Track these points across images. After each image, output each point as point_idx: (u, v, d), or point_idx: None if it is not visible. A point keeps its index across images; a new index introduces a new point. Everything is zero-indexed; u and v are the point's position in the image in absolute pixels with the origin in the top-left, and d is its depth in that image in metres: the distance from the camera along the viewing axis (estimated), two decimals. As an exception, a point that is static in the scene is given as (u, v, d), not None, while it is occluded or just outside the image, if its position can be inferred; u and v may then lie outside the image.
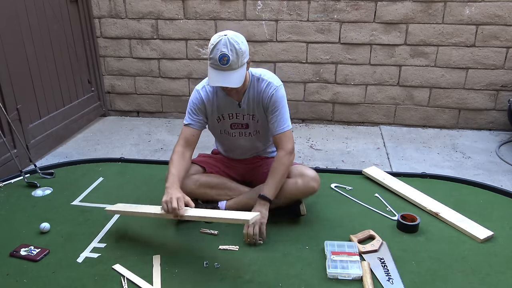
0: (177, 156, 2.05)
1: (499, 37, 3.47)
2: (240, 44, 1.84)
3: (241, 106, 2.07)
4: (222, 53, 1.80)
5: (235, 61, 1.83)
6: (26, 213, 2.26)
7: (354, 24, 3.61)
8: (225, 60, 1.81)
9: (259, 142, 2.22)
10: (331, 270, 1.76)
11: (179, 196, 1.85)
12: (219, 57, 1.81)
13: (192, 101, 2.11)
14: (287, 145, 2.02)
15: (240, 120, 2.11)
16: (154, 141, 3.56)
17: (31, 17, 3.10)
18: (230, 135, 2.17)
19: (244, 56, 1.86)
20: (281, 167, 2.00)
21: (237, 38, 1.85)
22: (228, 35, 1.83)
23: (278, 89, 2.03)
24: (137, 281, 1.74)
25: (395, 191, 2.44)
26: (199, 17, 3.76)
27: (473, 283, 1.73)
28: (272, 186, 2.00)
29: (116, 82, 4.12)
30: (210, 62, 1.86)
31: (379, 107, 3.86)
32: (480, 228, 2.06)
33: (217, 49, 1.81)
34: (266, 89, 2.02)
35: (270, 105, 2.02)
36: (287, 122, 2.04)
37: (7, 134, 2.81)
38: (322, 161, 3.16)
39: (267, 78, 2.05)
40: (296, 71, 3.83)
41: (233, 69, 1.84)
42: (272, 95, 2.01)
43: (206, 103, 2.08)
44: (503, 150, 3.34)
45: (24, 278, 1.76)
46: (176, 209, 1.80)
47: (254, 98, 2.05)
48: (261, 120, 2.10)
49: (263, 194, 1.99)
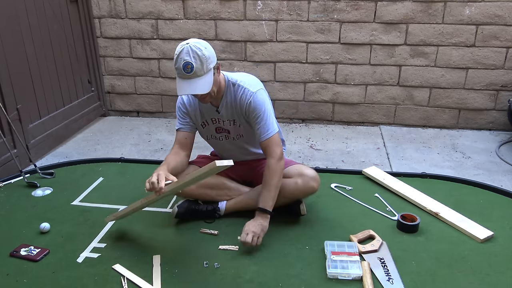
0: (170, 154, 2.09)
1: (499, 37, 3.47)
2: (203, 50, 1.82)
3: (219, 112, 2.06)
4: (185, 61, 1.80)
5: (200, 68, 1.81)
6: (26, 213, 2.26)
7: (354, 24, 3.61)
8: (189, 68, 1.80)
9: (247, 145, 2.20)
10: (331, 270, 1.76)
11: (160, 172, 1.82)
12: (183, 66, 1.80)
13: (177, 106, 2.14)
14: (275, 152, 1.97)
15: (222, 125, 2.11)
16: (154, 141, 3.56)
17: (31, 17, 3.09)
18: (218, 139, 2.18)
19: (209, 61, 1.83)
20: (273, 175, 1.97)
21: (200, 44, 1.83)
22: (190, 43, 1.82)
23: (255, 95, 1.98)
24: (137, 281, 1.74)
25: (395, 191, 2.44)
26: (199, 17, 3.76)
27: (473, 283, 1.73)
28: (268, 197, 1.97)
29: (116, 82, 4.12)
30: (176, 73, 1.85)
31: (379, 107, 3.86)
32: (480, 228, 2.06)
33: (180, 58, 1.81)
34: (242, 97, 1.99)
35: (249, 113, 1.99)
36: (271, 127, 1.99)
37: (7, 134, 2.81)
38: (322, 161, 3.16)
39: (243, 84, 2.00)
40: (296, 71, 3.83)
41: (198, 76, 1.82)
42: (250, 102, 1.97)
43: (189, 107, 2.10)
44: (503, 150, 3.34)
45: (24, 278, 1.77)
46: (155, 183, 1.76)
47: (232, 104, 2.03)
48: (243, 125, 2.08)
49: (261, 207, 1.97)
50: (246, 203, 2.17)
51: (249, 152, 2.23)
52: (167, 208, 2.31)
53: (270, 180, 1.96)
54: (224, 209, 2.18)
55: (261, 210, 1.96)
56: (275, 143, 1.99)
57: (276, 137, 2.00)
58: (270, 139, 1.98)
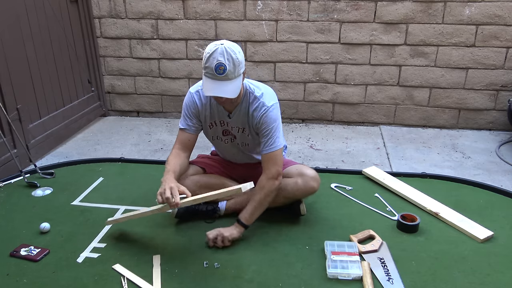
0: (172, 156, 2.04)
1: (499, 37, 3.47)
2: (237, 54, 1.78)
3: (231, 118, 2.03)
4: (218, 62, 1.74)
5: (232, 71, 1.77)
6: (26, 213, 2.26)
7: (354, 24, 3.61)
8: (222, 70, 1.75)
9: (250, 152, 2.20)
10: (331, 270, 1.76)
11: (172, 185, 1.81)
12: (215, 66, 1.75)
13: (186, 104, 2.06)
14: (270, 170, 1.94)
15: (230, 129, 2.09)
16: (154, 141, 3.56)
17: (31, 17, 3.09)
18: (223, 141, 2.15)
19: (240, 66, 1.80)
20: (260, 191, 1.95)
21: (234, 47, 1.79)
22: (225, 44, 1.77)
23: (269, 110, 1.95)
24: (137, 281, 1.74)
25: (395, 191, 2.44)
26: (199, 17, 3.76)
27: (473, 283, 1.73)
28: (249, 211, 1.96)
29: (116, 82, 4.12)
30: (205, 71, 1.80)
31: (379, 107, 3.86)
32: (480, 228, 2.06)
33: (213, 57, 1.75)
34: (256, 109, 1.96)
35: (260, 125, 1.97)
36: (276, 143, 1.95)
37: (7, 134, 2.81)
38: (322, 161, 3.16)
39: (259, 96, 1.97)
40: (296, 71, 3.83)
41: (229, 79, 1.78)
42: (263, 116, 1.95)
43: (200, 107, 2.04)
44: (503, 150, 3.34)
45: (24, 278, 1.76)
46: (170, 198, 1.76)
47: (245, 113, 2.00)
48: (251, 135, 2.07)
49: (239, 218, 1.97)
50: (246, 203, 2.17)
51: (252, 158, 2.23)
52: (167, 208, 2.31)
53: (255, 195, 1.96)
54: (224, 209, 2.18)
55: (238, 221, 1.97)
56: (273, 161, 1.95)
57: (277, 154, 1.96)
58: (270, 154, 1.95)
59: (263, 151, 1.97)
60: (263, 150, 1.97)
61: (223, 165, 2.29)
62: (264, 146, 1.97)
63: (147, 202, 2.36)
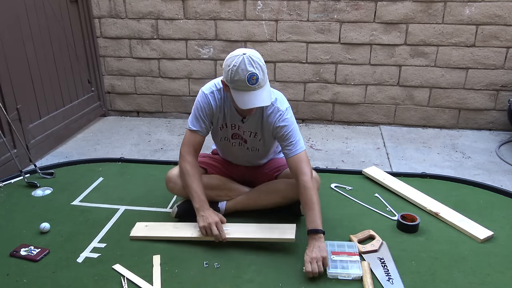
0: (191, 168, 2.00)
1: (499, 37, 3.47)
2: (262, 60, 1.78)
3: (244, 122, 2.01)
4: (250, 72, 1.71)
5: (263, 78, 1.76)
6: (26, 213, 2.26)
7: (354, 24, 3.61)
8: (255, 80, 1.72)
9: (257, 157, 2.19)
10: (331, 270, 1.76)
11: (217, 220, 1.92)
12: (248, 77, 1.72)
13: (201, 105, 1.99)
14: (305, 169, 1.90)
15: (241, 133, 2.07)
16: (154, 141, 3.56)
17: (31, 17, 3.09)
18: (231, 144, 2.13)
19: (266, 71, 1.80)
20: (312, 193, 1.87)
21: (256, 54, 1.78)
22: (247, 54, 1.74)
23: (284, 114, 1.94)
24: (137, 281, 1.74)
25: (395, 191, 2.44)
26: (199, 17, 3.76)
27: (473, 283, 1.73)
28: (313, 216, 1.84)
29: (116, 82, 4.12)
30: (235, 85, 1.75)
31: (379, 107, 3.86)
32: (480, 228, 2.06)
33: (242, 69, 1.72)
34: (272, 114, 1.95)
35: (278, 130, 1.94)
36: (299, 145, 1.94)
37: (7, 134, 2.81)
38: (322, 161, 3.16)
39: (276, 103, 1.95)
40: (296, 71, 3.83)
41: (261, 87, 1.76)
42: (279, 120, 1.93)
43: (214, 108, 1.99)
44: (503, 150, 3.34)
45: (24, 278, 1.76)
46: (218, 235, 1.89)
47: (259, 118, 1.98)
48: (265, 140, 2.05)
49: (311, 228, 1.82)
50: (246, 203, 2.17)
51: (256, 162, 2.23)
52: (167, 208, 2.31)
53: (311, 198, 1.86)
54: (224, 209, 2.18)
55: (312, 232, 1.82)
56: (304, 161, 1.92)
57: (304, 155, 1.94)
58: (298, 156, 1.92)
59: (290, 155, 1.93)
60: (290, 154, 1.93)
61: (224, 165, 2.29)
62: (289, 152, 1.93)
63: (147, 202, 2.36)
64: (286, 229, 1.96)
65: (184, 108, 4.09)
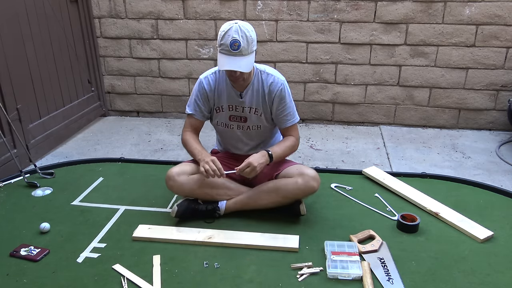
0: (190, 136, 2.18)
1: (499, 37, 3.47)
2: (250, 32, 1.93)
3: (242, 98, 2.10)
4: (233, 38, 1.88)
5: (245, 48, 1.90)
6: (26, 213, 2.26)
7: (354, 24, 3.61)
8: (236, 46, 1.88)
9: (257, 137, 2.23)
10: (331, 270, 1.76)
11: (213, 158, 2.03)
12: (230, 43, 1.88)
13: (198, 89, 2.16)
14: (296, 133, 2.19)
15: (240, 112, 2.14)
16: (154, 141, 3.56)
17: (31, 17, 3.09)
18: (228, 127, 2.19)
19: (253, 44, 1.95)
20: (289, 143, 2.15)
21: (247, 26, 1.93)
22: (239, 23, 1.91)
23: (284, 83, 2.11)
24: (137, 281, 1.74)
25: (395, 191, 2.44)
26: (199, 17, 3.76)
27: (473, 283, 1.73)
28: (280, 150, 2.11)
29: (116, 82, 4.12)
30: (221, 48, 1.92)
31: (379, 107, 3.86)
32: (480, 228, 2.06)
33: (228, 35, 1.88)
34: (273, 84, 2.10)
35: (278, 99, 2.10)
36: (296, 115, 2.17)
37: (7, 134, 2.81)
38: (322, 161, 3.16)
39: (272, 73, 2.13)
40: (296, 71, 3.83)
41: (243, 55, 1.91)
42: (280, 90, 2.09)
43: (208, 92, 2.14)
44: (503, 150, 3.34)
45: (24, 278, 1.76)
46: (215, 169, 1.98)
47: (258, 91, 2.10)
48: (265, 114, 2.14)
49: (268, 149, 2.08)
50: (246, 203, 2.17)
51: (254, 146, 2.26)
52: (167, 207, 2.31)
53: (285, 142, 2.16)
54: (224, 209, 2.18)
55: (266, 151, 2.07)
56: (296, 130, 2.20)
57: (296, 125, 2.20)
58: (293, 126, 2.17)
59: (285, 125, 2.15)
60: (285, 124, 2.15)
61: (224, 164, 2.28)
62: (287, 121, 2.14)
63: (147, 202, 2.36)
64: (290, 238, 1.98)
65: (184, 108, 4.08)
